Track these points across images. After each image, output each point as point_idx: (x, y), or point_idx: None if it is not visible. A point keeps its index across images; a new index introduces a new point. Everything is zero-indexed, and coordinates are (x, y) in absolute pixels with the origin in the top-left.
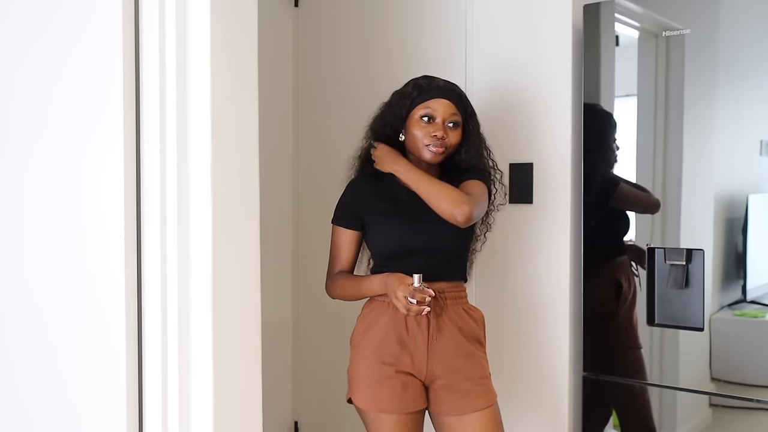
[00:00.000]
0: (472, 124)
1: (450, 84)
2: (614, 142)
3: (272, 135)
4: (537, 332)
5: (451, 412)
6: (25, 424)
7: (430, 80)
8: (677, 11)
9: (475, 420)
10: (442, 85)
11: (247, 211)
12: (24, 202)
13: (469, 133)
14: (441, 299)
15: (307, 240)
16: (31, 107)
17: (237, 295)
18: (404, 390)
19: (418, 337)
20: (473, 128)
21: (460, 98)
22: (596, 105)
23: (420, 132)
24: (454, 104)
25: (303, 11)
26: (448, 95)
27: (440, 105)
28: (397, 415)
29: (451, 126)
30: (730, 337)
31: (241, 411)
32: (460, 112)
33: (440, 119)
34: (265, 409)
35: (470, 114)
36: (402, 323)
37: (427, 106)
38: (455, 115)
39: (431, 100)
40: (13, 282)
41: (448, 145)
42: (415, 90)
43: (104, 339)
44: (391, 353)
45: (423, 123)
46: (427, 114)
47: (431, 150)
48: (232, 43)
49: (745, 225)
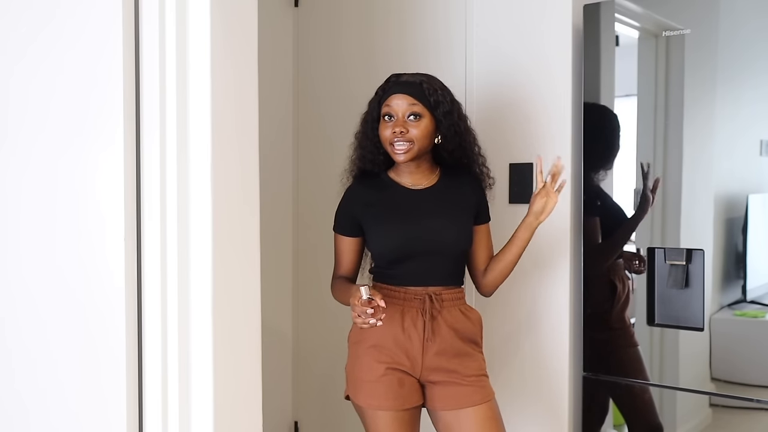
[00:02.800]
0: (440, 112)
1: (414, 76)
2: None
3: (272, 135)
4: (537, 332)
5: (446, 407)
6: (24, 425)
7: (395, 78)
8: (677, 11)
9: (470, 415)
10: (403, 80)
11: (247, 211)
12: (22, 201)
13: (441, 122)
14: (437, 302)
15: (307, 239)
16: (28, 105)
17: (237, 295)
18: (400, 387)
19: (413, 338)
20: (445, 116)
21: (421, 88)
22: (603, 106)
23: (385, 132)
24: (411, 96)
25: (303, 11)
26: (405, 89)
27: (398, 100)
28: (394, 412)
29: (412, 119)
30: (730, 337)
31: (241, 411)
32: (421, 102)
33: (400, 114)
34: (265, 409)
35: (436, 102)
36: (398, 323)
37: (387, 104)
38: (414, 105)
39: (390, 97)
40: (12, 283)
41: (411, 138)
42: (380, 91)
43: (104, 339)
44: (387, 352)
45: (387, 122)
46: (387, 112)
47: (397, 149)
48: (232, 42)
49: (745, 225)
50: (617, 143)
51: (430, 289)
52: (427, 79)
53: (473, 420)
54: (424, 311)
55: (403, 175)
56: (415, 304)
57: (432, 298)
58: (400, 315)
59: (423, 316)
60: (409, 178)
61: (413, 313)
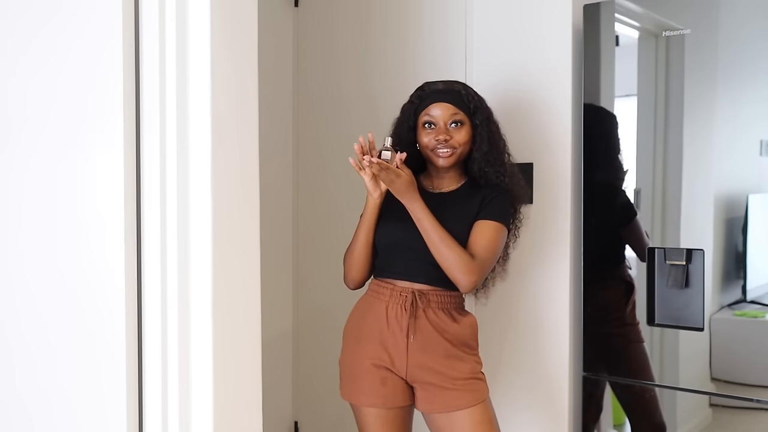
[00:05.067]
0: (479, 118)
1: (449, 84)
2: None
3: (272, 135)
4: (537, 332)
5: (437, 410)
6: (24, 425)
7: (429, 86)
8: (677, 11)
9: (464, 417)
10: (440, 89)
11: (247, 211)
12: (22, 202)
13: (477, 128)
14: (421, 300)
15: (308, 240)
16: (29, 105)
17: (237, 295)
18: (383, 385)
19: (397, 336)
20: (481, 122)
21: (460, 96)
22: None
23: (426, 139)
24: (453, 104)
25: (303, 11)
26: (446, 97)
27: (439, 109)
28: (377, 409)
29: (454, 126)
30: (730, 337)
31: (241, 411)
32: (462, 110)
33: (441, 123)
34: (265, 409)
35: (475, 109)
36: (383, 321)
37: (427, 113)
38: (456, 114)
39: (430, 106)
40: (13, 283)
41: (455, 144)
42: (416, 99)
43: (104, 339)
44: (372, 348)
45: (427, 130)
46: (428, 121)
47: (440, 154)
48: (232, 42)
49: (745, 225)
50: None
51: (417, 287)
52: (463, 86)
53: (465, 423)
54: (406, 308)
55: (429, 179)
56: (400, 301)
57: (416, 295)
58: (385, 310)
59: (405, 312)
60: (433, 182)
61: (397, 309)
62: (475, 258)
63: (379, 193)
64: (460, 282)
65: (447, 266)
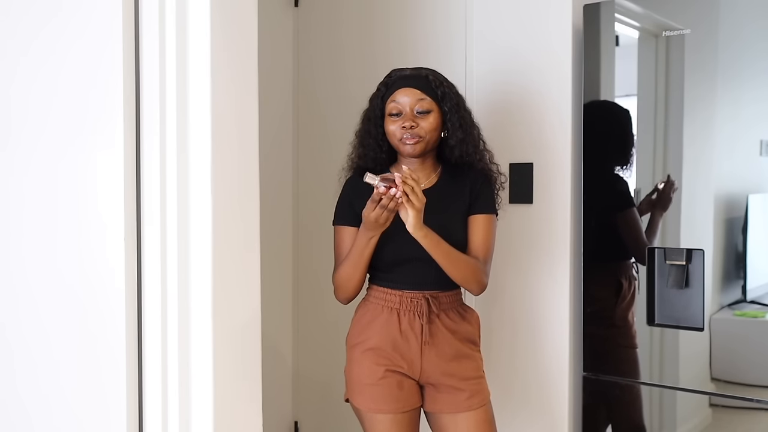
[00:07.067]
0: (448, 104)
1: (417, 70)
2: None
3: (272, 135)
4: (537, 332)
5: (445, 410)
6: (25, 425)
7: (396, 72)
8: (677, 11)
9: (468, 419)
10: (407, 74)
11: (247, 211)
12: (23, 202)
13: (447, 115)
14: (434, 305)
15: (308, 240)
16: (29, 106)
17: (237, 295)
18: (399, 389)
19: (411, 341)
20: (451, 109)
21: (427, 81)
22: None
23: (392, 128)
24: (419, 90)
25: (303, 11)
26: (412, 83)
27: (405, 95)
28: (394, 415)
29: (421, 113)
30: (730, 337)
31: (241, 411)
32: (429, 95)
33: (408, 109)
34: (265, 409)
35: (443, 95)
36: (396, 327)
37: (393, 100)
38: (422, 100)
39: (396, 92)
40: (13, 283)
41: (421, 133)
42: (383, 87)
43: (104, 340)
44: (386, 354)
45: (394, 118)
46: (393, 108)
47: (406, 144)
48: (232, 43)
49: (745, 225)
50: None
51: (428, 293)
52: (431, 72)
53: (470, 424)
54: (421, 314)
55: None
56: (412, 307)
57: (429, 301)
58: (397, 318)
59: (420, 319)
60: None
61: (410, 316)
62: (481, 259)
63: (382, 230)
64: (475, 290)
65: (462, 281)
